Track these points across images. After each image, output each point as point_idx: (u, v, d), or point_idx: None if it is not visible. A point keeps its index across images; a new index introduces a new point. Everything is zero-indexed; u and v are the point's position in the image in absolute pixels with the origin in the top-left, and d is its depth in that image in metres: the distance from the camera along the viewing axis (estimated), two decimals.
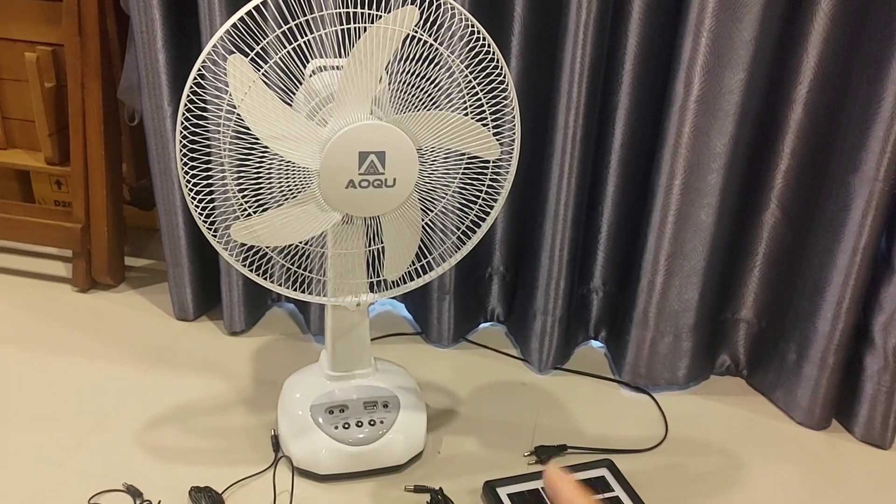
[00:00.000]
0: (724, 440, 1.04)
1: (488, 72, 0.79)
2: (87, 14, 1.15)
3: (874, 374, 1.02)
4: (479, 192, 0.87)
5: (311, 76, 0.77)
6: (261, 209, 0.80)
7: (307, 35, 0.72)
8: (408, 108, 0.78)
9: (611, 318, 1.21)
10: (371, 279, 0.89)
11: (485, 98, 0.81)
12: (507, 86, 0.80)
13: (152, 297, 1.30)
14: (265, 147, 0.75)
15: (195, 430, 1.00)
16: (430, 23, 0.74)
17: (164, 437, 0.98)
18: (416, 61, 0.76)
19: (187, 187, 0.78)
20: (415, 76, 0.77)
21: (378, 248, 0.87)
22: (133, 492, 0.88)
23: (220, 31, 0.71)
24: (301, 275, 0.87)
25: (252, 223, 0.80)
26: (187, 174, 0.78)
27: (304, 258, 0.86)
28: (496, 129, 0.82)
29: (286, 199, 0.79)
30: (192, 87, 0.73)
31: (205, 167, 0.78)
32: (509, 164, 0.86)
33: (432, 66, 0.77)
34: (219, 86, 0.73)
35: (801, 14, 0.95)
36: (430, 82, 0.78)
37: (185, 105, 0.74)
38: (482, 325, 1.28)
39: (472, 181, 0.86)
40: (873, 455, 1.04)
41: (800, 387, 1.06)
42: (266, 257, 0.86)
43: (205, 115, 0.76)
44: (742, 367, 1.17)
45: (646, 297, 1.07)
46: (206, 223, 0.81)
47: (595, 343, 1.24)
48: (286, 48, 0.72)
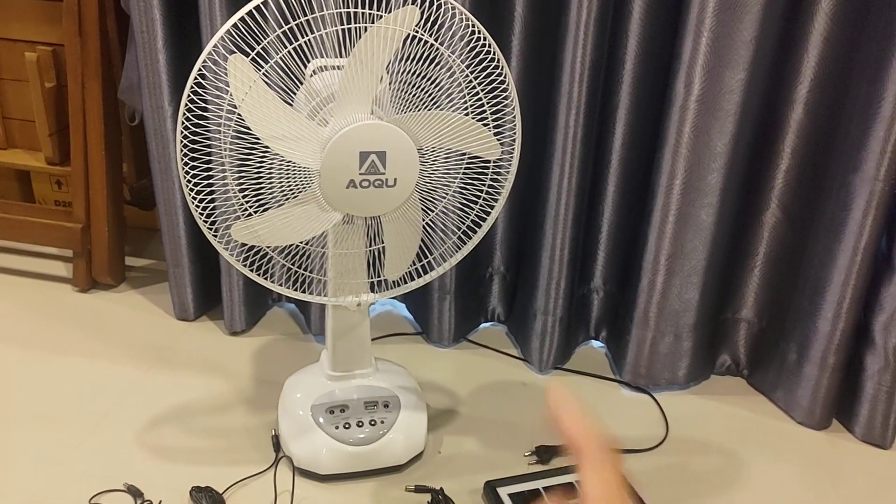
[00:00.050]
0: (724, 440, 1.04)
1: (489, 72, 0.79)
2: (88, 14, 1.15)
3: (874, 374, 1.02)
4: (480, 192, 0.87)
5: (311, 76, 0.76)
6: (261, 209, 0.80)
7: (308, 35, 0.72)
8: (408, 107, 0.78)
9: (611, 317, 1.21)
10: (372, 279, 0.89)
11: (485, 98, 0.80)
12: (508, 85, 0.80)
13: (153, 296, 1.29)
14: (266, 147, 0.75)
15: (196, 430, 1.00)
16: (430, 22, 0.74)
17: (165, 436, 0.98)
18: (416, 61, 0.76)
19: (188, 187, 0.78)
20: (415, 76, 0.77)
21: (379, 248, 0.87)
22: (134, 492, 0.88)
23: (221, 30, 0.71)
24: (301, 275, 0.87)
25: (253, 223, 0.80)
26: (188, 174, 0.78)
27: (304, 258, 0.86)
28: (497, 129, 0.82)
29: (287, 199, 0.79)
30: (192, 87, 0.73)
31: (205, 167, 0.78)
32: (510, 164, 0.86)
33: (433, 65, 0.77)
34: (219, 86, 0.73)
35: (802, 14, 0.95)
36: (430, 82, 0.78)
37: (186, 105, 0.74)
38: (483, 325, 1.28)
39: (472, 181, 0.86)
40: (874, 455, 1.04)
41: (800, 386, 1.06)
42: (266, 257, 0.86)
43: (205, 115, 0.76)
44: (742, 366, 1.17)
45: (646, 297, 1.07)
46: (207, 223, 0.81)
47: (595, 343, 1.24)
48: (287, 48, 0.72)
